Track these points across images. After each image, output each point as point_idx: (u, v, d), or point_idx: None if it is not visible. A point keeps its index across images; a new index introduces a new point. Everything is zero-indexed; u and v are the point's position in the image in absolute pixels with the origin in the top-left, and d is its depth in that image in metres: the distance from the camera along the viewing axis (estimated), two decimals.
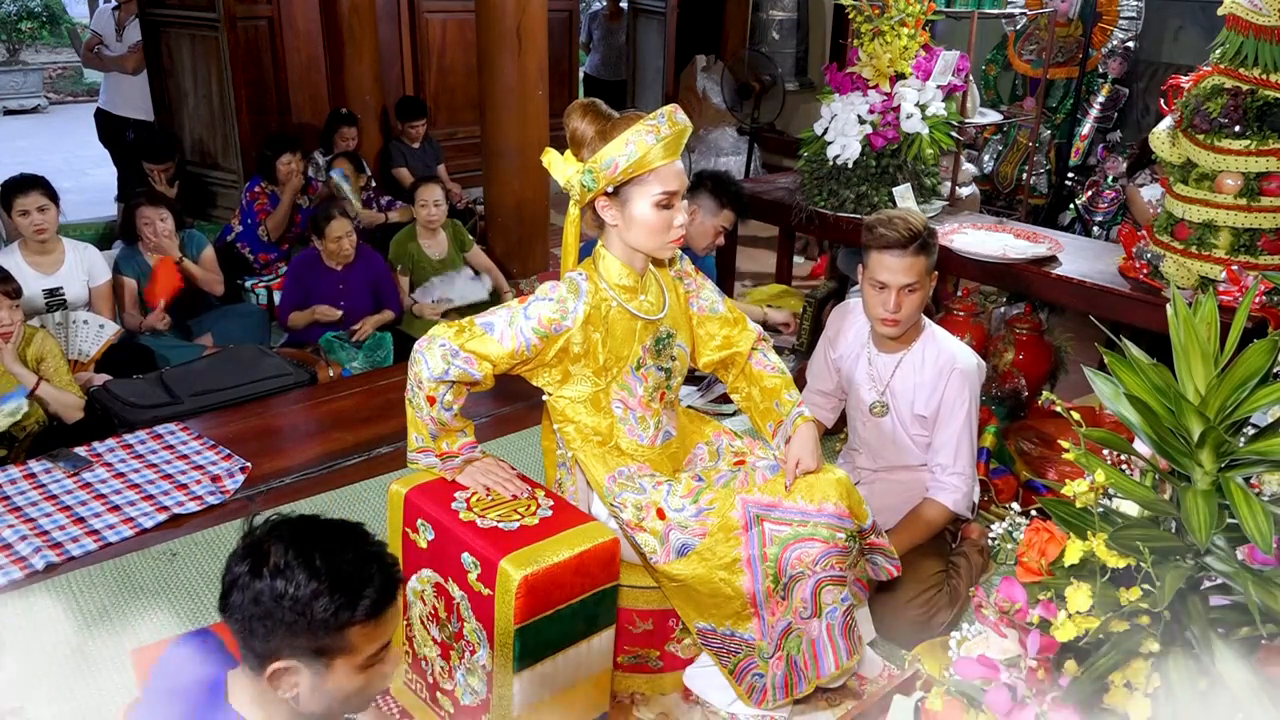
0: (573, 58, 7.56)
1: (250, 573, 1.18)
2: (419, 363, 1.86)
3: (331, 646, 1.19)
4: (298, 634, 1.17)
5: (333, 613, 1.17)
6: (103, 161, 6.29)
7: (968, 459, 2.38)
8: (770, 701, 1.95)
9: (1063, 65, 5.11)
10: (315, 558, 1.18)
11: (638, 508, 1.93)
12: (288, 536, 1.20)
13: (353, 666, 1.21)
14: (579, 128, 1.87)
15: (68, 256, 3.71)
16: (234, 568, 1.21)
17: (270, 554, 1.18)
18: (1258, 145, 2.50)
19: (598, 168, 1.83)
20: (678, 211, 1.88)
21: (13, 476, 2.90)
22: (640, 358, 1.96)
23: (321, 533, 1.22)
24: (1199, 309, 1.26)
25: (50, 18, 11.41)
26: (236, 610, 1.20)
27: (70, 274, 3.70)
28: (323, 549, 1.19)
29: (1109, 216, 4.80)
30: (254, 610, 1.17)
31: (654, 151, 1.81)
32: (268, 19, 5.85)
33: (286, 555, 1.18)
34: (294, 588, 1.16)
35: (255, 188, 4.83)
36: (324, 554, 1.19)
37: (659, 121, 1.82)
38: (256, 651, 1.20)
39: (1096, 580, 1.19)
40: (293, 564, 1.17)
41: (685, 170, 1.91)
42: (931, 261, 2.31)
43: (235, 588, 1.20)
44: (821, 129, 3.48)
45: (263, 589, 1.17)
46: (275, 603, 1.16)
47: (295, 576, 1.16)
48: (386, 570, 1.24)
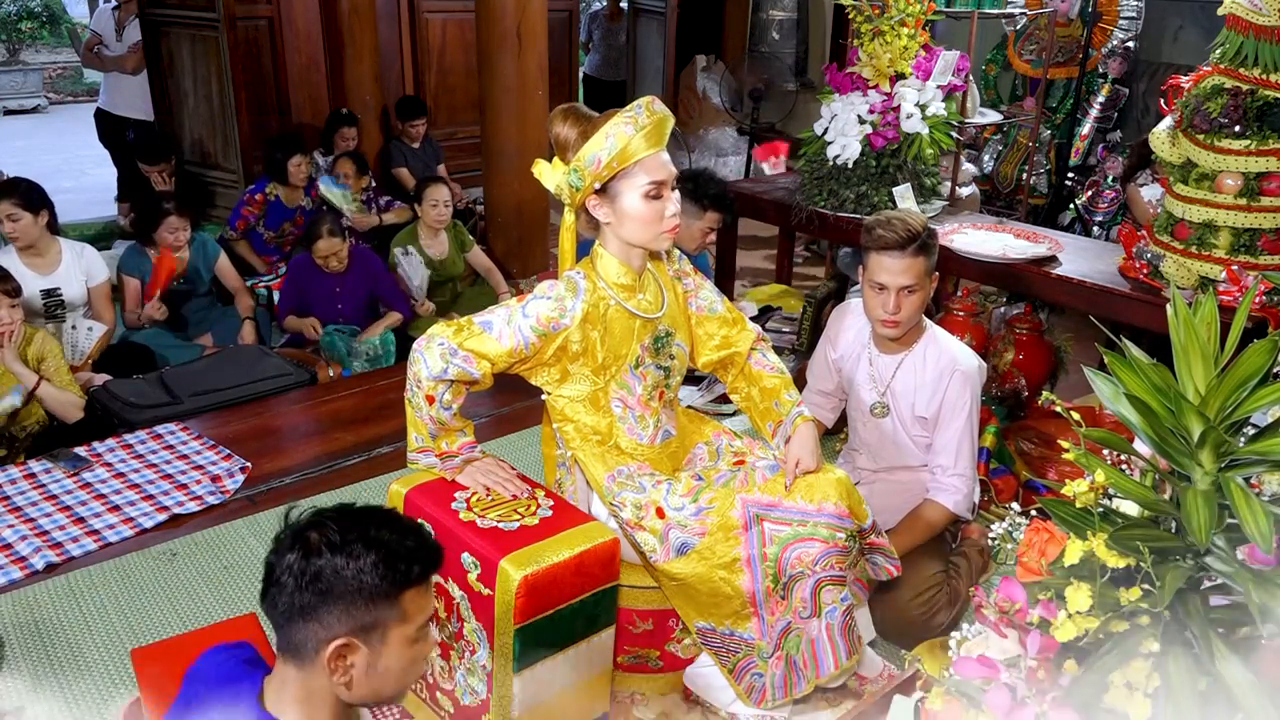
0: (573, 58, 7.56)
1: (304, 556, 1.24)
2: (418, 362, 1.86)
3: (387, 617, 1.26)
4: (358, 606, 1.24)
5: (391, 579, 1.25)
6: (103, 161, 6.30)
7: (968, 460, 2.38)
8: (769, 701, 1.95)
9: (1063, 65, 5.11)
10: (365, 532, 1.26)
11: (637, 507, 1.93)
12: (333, 520, 1.28)
13: (404, 638, 1.28)
14: (561, 133, 1.88)
15: (65, 257, 3.70)
16: (284, 557, 1.26)
17: (323, 535, 1.25)
18: (1258, 145, 2.50)
19: (582, 165, 1.84)
20: (668, 201, 1.88)
21: (13, 476, 2.90)
22: (639, 356, 1.96)
23: (362, 513, 1.31)
24: (1199, 309, 1.25)
25: (50, 18, 11.41)
26: (289, 597, 1.24)
27: (68, 274, 3.69)
28: (367, 526, 1.27)
29: (1109, 216, 4.80)
30: (313, 590, 1.23)
31: (635, 142, 1.81)
32: (268, 19, 5.85)
33: (338, 534, 1.25)
34: (352, 560, 1.23)
35: (258, 194, 4.80)
36: (372, 529, 1.27)
37: (636, 112, 1.83)
38: (310, 638, 1.24)
39: (1096, 580, 1.19)
40: (347, 540, 1.25)
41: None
42: (931, 263, 2.31)
43: (287, 574, 1.25)
44: (821, 129, 3.48)
45: (323, 566, 1.23)
46: (336, 576, 1.23)
47: (353, 549, 1.24)
48: (427, 539, 1.33)
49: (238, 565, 2.58)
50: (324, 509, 1.32)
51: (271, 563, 1.28)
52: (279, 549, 1.27)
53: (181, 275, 4.05)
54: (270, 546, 1.30)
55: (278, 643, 1.29)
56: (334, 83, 5.88)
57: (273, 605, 1.26)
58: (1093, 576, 1.19)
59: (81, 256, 3.75)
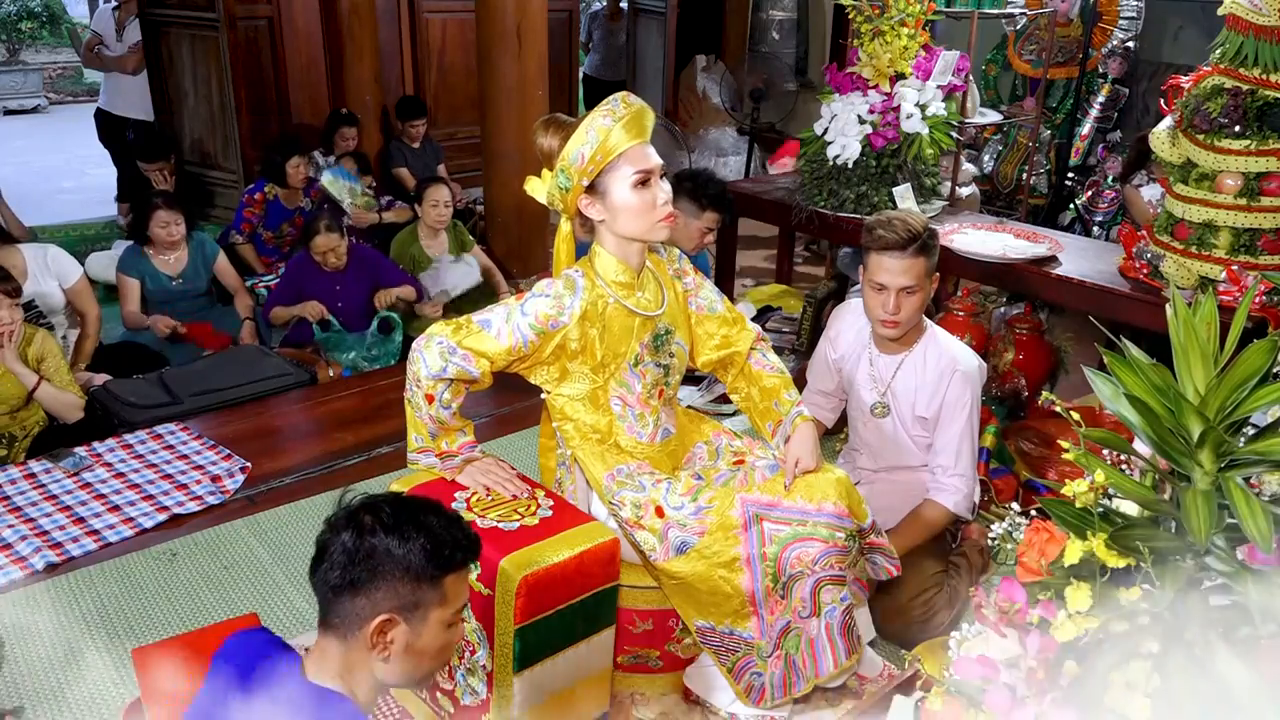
0: (573, 58, 7.55)
1: (358, 535, 1.33)
2: (417, 361, 1.86)
3: (430, 598, 1.34)
4: (405, 584, 1.32)
5: (436, 562, 1.33)
6: (103, 161, 6.30)
7: (969, 461, 2.38)
8: (769, 700, 1.95)
9: (1063, 65, 5.11)
10: (416, 517, 1.35)
11: (636, 506, 1.93)
12: (386, 504, 1.37)
13: (442, 621, 1.37)
14: (545, 143, 1.90)
15: (30, 267, 3.52)
16: (338, 535, 1.34)
17: (377, 517, 1.34)
18: (1258, 145, 2.50)
19: (567, 164, 1.85)
20: (658, 189, 1.88)
21: (13, 476, 2.90)
22: (638, 354, 1.96)
23: (411, 501, 1.41)
24: (1199, 309, 1.25)
25: (50, 18, 11.41)
26: (340, 572, 1.32)
27: (35, 281, 3.53)
28: (417, 512, 1.37)
29: (1109, 216, 4.80)
30: (364, 567, 1.31)
31: (615, 134, 1.82)
32: (268, 19, 5.84)
33: (391, 517, 1.34)
34: (404, 540, 1.32)
35: (257, 194, 4.81)
36: (421, 515, 1.37)
37: (613, 105, 1.84)
38: (358, 612, 1.32)
39: (1096, 580, 1.19)
40: (399, 522, 1.34)
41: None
42: (932, 264, 2.31)
43: (340, 551, 1.33)
44: (821, 129, 3.48)
45: (375, 544, 1.32)
46: (387, 555, 1.32)
47: (405, 532, 1.33)
48: (467, 529, 1.42)
49: (238, 565, 2.58)
50: (374, 495, 1.40)
51: (324, 540, 1.36)
52: (333, 527, 1.36)
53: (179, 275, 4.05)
54: (322, 527, 1.37)
55: (321, 618, 1.37)
56: (334, 83, 5.88)
57: (323, 580, 1.34)
58: (1093, 576, 1.19)
59: (45, 258, 3.59)
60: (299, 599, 2.46)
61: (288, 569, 2.57)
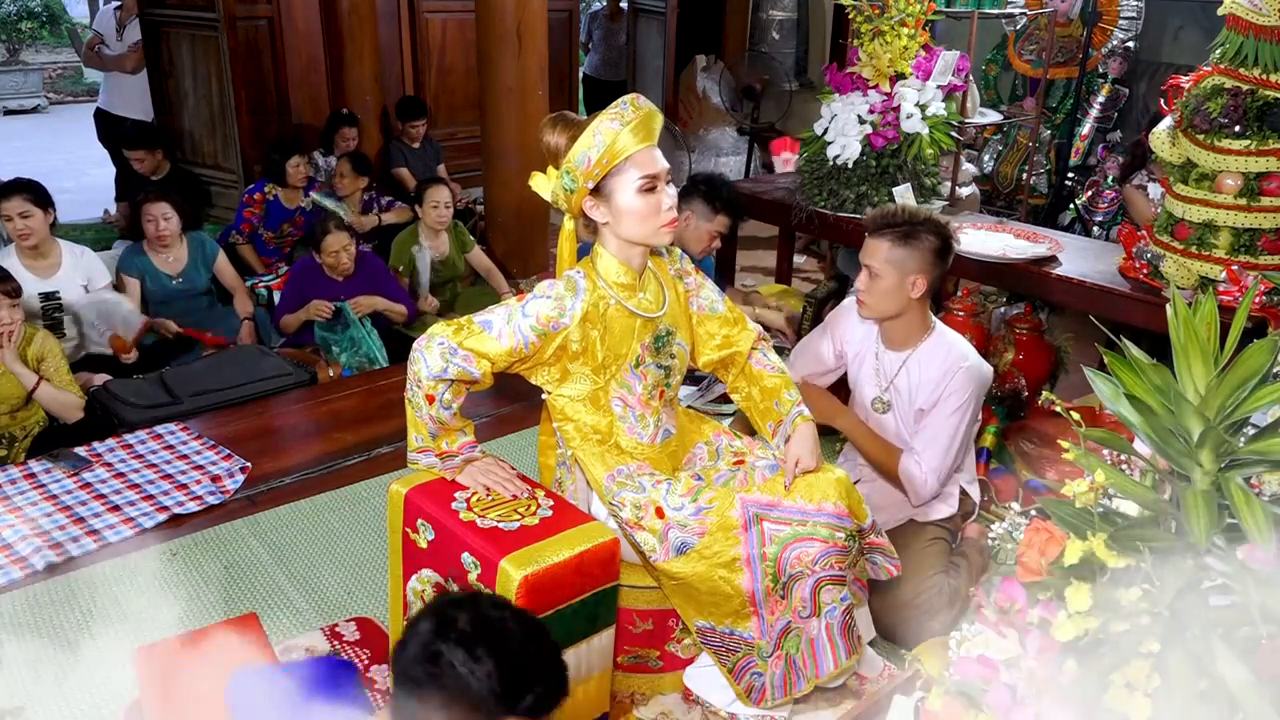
0: (573, 58, 7.55)
1: (434, 630, 1.19)
2: (418, 361, 1.86)
3: None
4: (457, 703, 1.18)
5: (494, 700, 1.18)
6: (103, 161, 6.29)
7: (940, 456, 2.34)
8: (769, 700, 1.95)
9: (1063, 65, 5.11)
10: (501, 635, 1.20)
11: (637, 506, 1.93)
12: (476, 608, 1.22)
13: None
14: (551, 141, 1.89)
15: (65, 260, 3.67)
16: (420, 622, 1.22)
17: (457, 622, 1.20)
18: (1258, 145, 2.50)
19: (573, 166, 1.84)
20: (664, 194, 1.88)
21: (13, 476, 2.90)
22: (639, 355, 1.96)
23: (511, 619, 1.24)
24: (1199, 309, 1.25)
25: (50, 18, 11.42)
26: (404, 664, 1.21)
27: (67, 278, 3.66)
28: (506, 635, 1.21)
29: (1109, 216, 4.80)
30: (426, 669, 1.19)
31: (622, 137, 1.81)
32: (268, 19, 5.85)
33: (470, 624, 1.20)
34: (469, 661, 1.17)
35: (257, 194, 4.80)
36: (505, 639, 1.20)
37: (622, 108, 1.83)
38: (411, 713, 1.21)
39: (1096, 580, 1.19)
40: (477, 635, 1.19)
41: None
42: (915, 258, 2.30)
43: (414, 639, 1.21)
44: (821, 129, 3.48)
45: (443, 650, 1.18)
46: (450, 667, 1.17)
47: (475, 651, 1.18)
48: (556, 680, 1.25)
49: (238, 565, 2.58)
50: (487, 593, 1.26)
51: (414, 619, 1.24)
52: (425, 610, 1.23)
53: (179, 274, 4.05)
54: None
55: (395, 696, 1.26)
56: (334, 83, 5.88)
57: (395, 658, 1.23)
58: (1093, 576, 1.19)
59: (81, 260, 3.72)
60: (299, 599, 2.46)
61: (288, 569, 2.57)
